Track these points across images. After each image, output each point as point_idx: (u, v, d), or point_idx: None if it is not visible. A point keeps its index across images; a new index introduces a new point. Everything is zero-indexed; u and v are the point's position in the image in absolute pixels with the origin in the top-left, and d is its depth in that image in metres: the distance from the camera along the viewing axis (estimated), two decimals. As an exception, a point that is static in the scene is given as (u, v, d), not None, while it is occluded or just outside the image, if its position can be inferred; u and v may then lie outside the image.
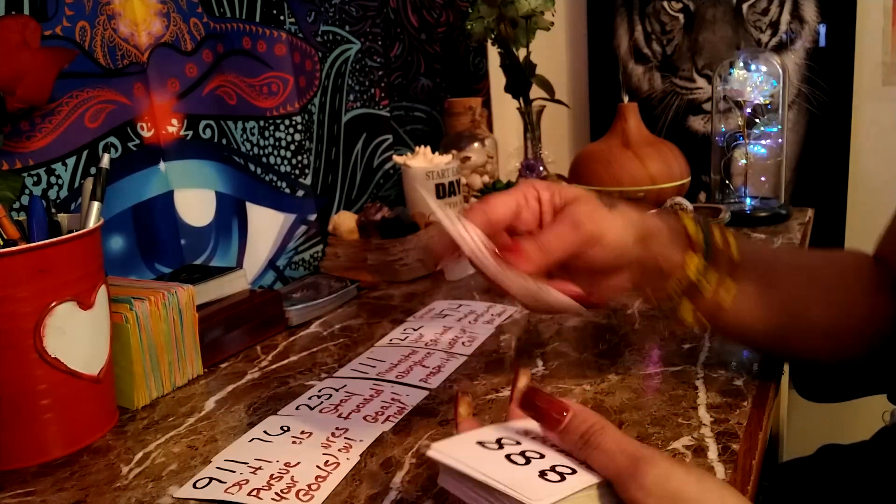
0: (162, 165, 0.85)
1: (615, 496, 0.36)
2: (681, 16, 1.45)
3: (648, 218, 0.55)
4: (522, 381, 0.45)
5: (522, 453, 0.38)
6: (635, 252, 0.53)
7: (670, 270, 0.54)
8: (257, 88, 0.94)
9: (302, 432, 0.57)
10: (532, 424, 0.41)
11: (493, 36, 1.30)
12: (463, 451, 0.38)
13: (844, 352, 0.59)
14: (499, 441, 0.40)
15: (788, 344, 0.59)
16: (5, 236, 0.56)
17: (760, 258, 0.58)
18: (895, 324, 0.57)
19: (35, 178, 0.71)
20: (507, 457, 0.38)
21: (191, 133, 0.88)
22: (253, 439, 0.57)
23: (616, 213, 0.52)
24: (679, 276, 0.54)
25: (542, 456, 0.38)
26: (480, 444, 0.39)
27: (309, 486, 0.50)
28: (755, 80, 1.15)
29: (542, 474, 0.37)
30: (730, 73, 1.17)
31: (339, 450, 0.54)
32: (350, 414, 0.60)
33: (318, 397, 0.64)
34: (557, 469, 0.37)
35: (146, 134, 0.82)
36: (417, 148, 1.10)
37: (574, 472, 0.37)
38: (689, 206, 1.12)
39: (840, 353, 0.60)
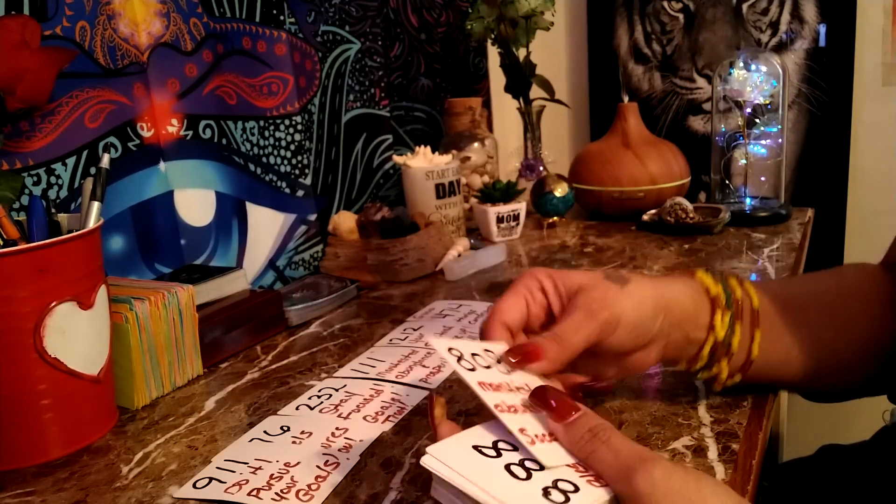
0: (162, 165, 0.85)
1: None
2: (681, 16, 1.45)
3: (664, 286, 0.52)
4: (438, 411, 0.43)
5: (522, 463, 0.38)
6: (657, 326, 0.50)
7: (697, 336, 0.52)
8: (257, 88, 0.94)
9: (302, 432, 0.57)
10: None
11: (493, 36, 1.30)
12: (459, 459, 0.37)
13: (868, 373, 0.58)
14: (496, 445, 0.39)
15: (828, 379, 0.58)
16: (5, 236, 0.56)
17: (780, 299, 0.56)
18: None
19: (35, 178, 0.71)
20: (507, 467, 0.37)
21: (191, 133, 0.88)
22: (253, 439, 0.57)
23: (629, 291, 0.49)
24: (707, 340, 0.52)
25: (542, 468, 0.37)
26: (477, 449, 0.38)
27: (309, 486, 0.50)
28: (755, 80, 1.15)
29: (546, 493, 0.36)
30: (730, 73, 1.17)
31: (339, 450, 0.54)
32: (350, 414, 0.60)
33: (318, 397, 0.64)
34: (560, 486, 0.36)
35: (146, 134, 0.82)
36: (417, 148, 1.11)
37: (577, 489, 0.36)
38: (689, 205, 1.12)
39: (870, 376, 0.58)
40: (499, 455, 0.38)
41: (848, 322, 0.57)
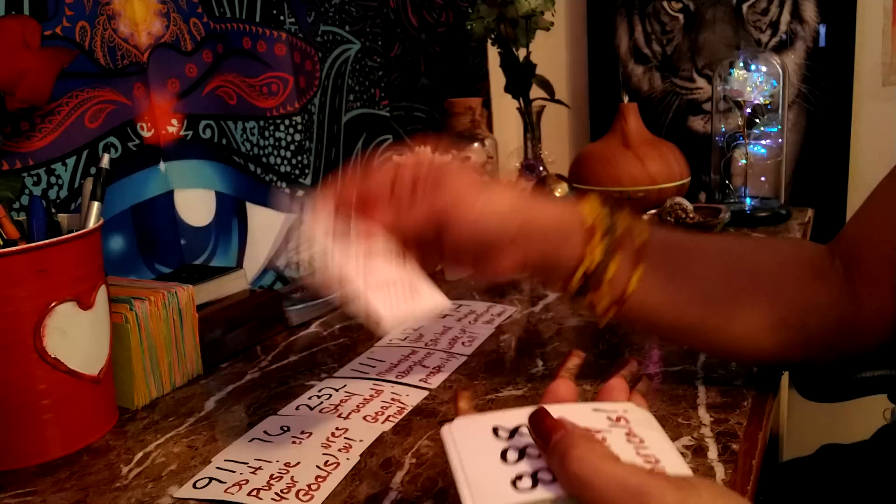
0: (162, 165, 0.85)
1: None
2: (681, 16, 1.45)
3: (532, 200, 0.52)
4: (463, 404, 0.41)
5: (524, 449, 0.37)
6: (513, 228, 0.50)
7: (566, 257, 0.52)
8: (257, 88, 0.94)
9: (302, 432, 0.57)
10: (566, 409, 0.39)
11: (493, 36, 1.30)
12: (470, 437, 0.37)
13: (791, 347, 0.55)
14: (515, 429, 0.38)
15: (706, 336, 0.56)
16: (5, 236, 0.56)
17: (678, 245, 0.55)
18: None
19: (35, 178, 0.71)
20: (504, 452, 0.36)
21: (191, 133, 0.88)
22: (253, 439, 0.57)
23: (490, 188, 0.50)
24: (580, 266, 0.51)
25: (541, 455, 0.37)
26: (495, 430, 0.38)
27: (309, 486, 0.50)
28: (755, 80, 1.15)
29: (518, 478, 0.34)
30: (730, 73, 1.17)
31: (339, 450, 0.54)
32: (350, 414, 0.60)
33: (318, 397, 0.64)
34: (539, 476, 0.35)
35: (146, 134, 0.82)
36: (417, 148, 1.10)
37: (554, 481, 0.34)
38: (689, 205, 1.12)
39: (786, 349, 0.55)
40: (510, 438, 0.37)
41: (753, 278, 0.55)
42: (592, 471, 0.30)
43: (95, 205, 0.60)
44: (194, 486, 0.51)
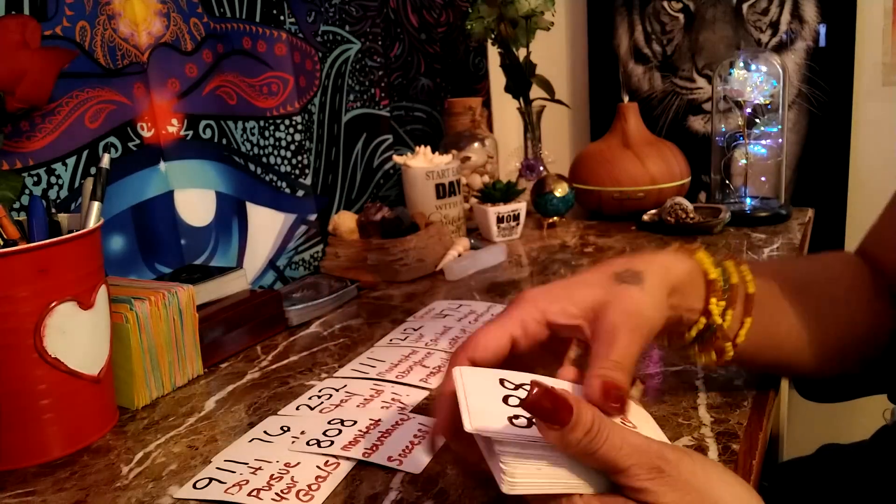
0: (162, 165, 0.85)
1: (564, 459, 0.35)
2: (681, 16, 1.45)
3: (671, 269, 0.49)
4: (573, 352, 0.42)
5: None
6: (667, 313, 0.48)
7: (689, 317, 0.51)
8: (257, 88, 0.94)
9: (302, 432, 0.57)
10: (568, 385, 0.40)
11: (493, 36, 1.30)
12: (478, 378, 0.38)
13: (851, 365, 0.58)
14: (520, 385, 0.38)
15: (812, 366, 0.57)
16: (5, 236, 0.56)
17: (772, 285, 0.55)
18: (894, 327, 0.57)
19: (35, 178, 0.71)
20: (506, 397, 0.37)
21: (191, 133, 0.88)
22: (253, 439, 0.57)
23: (648, 290, 0.45)
24: (697, 323, 0.51)
25: None
26: (501, 381, 0.39)
27: (309, 486, 0.50)
28: (755, 80, 1.15)
29: (515, 417, 0.35)
30: (730, 73, 1.17)
31: (340, 449, 0.54)
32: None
33: (318, 397, 0.64)
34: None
35: (146, 134, 0.82)
36: (417, 148, 1.11)
37: None
38: (689, 205, 1.12)
39: (847, 366, 0.58)
40: (514, 389, 0.38)
41: (833, 310, 0.56)
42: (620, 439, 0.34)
43: (96, 205, 0.60)
44: (194, 486, 0.51)
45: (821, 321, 0.56)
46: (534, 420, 0.34)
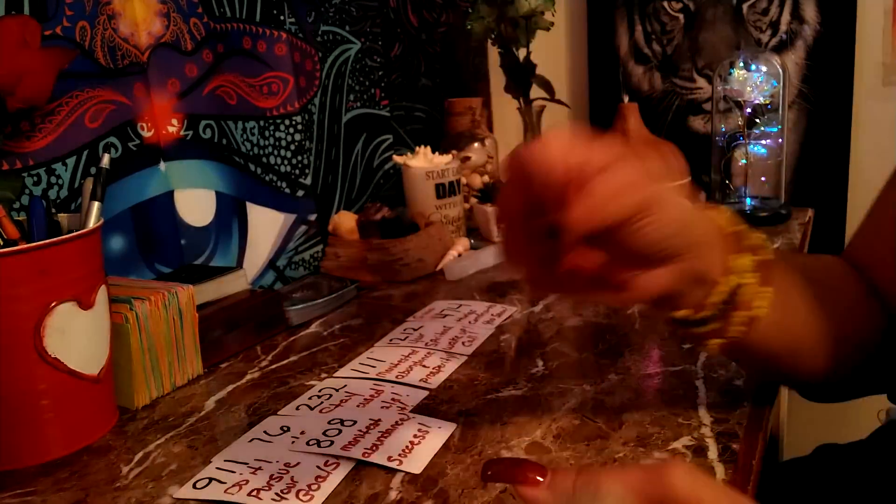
0: (162, 165, 0.85)
1: None
2: (681, 16, 1.45)
3: (698, 207, 0.44)
4: None
5: None
6: (687, 240, 0.42)
7: (713, 277, 0.45)
8: (257, 88, 0.94)
9: (302, 432, 0.57)
10: None
11: (493, 36, 1.30)
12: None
13: (846, 366, 0.56)
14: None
15: (807, 361, 0.54)
16: (5, 236, 0.56)
17: (788, 265, 0.51)
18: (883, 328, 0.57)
19: (35, 178, 0.71)
20: None
21: (191, 133, 0.88)
22: (253, 439, 0.57)
23: (670, 189, 0.41)
24: (721, 284, 0.45)
25: None
26: None
27: (309, 486, 0.50)
28: (755, 80, 1.15)
29: None
30: (730, 73, 1.17)
31: (340, 449, 0.54)
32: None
33: (318, 397, 0.64)
34: None
35: (146, 134, 0.82)
36: (417, 148, 1.11)
37: None
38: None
39: (843, 368, 0.56)
40: None
41: (838, 306, 0.54)
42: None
43: (95, 205, 0.60)
44: (194, 486, 0.51)
45: (829, 315, 0.52)
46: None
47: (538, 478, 0.34)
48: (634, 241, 0.40)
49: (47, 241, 0.55)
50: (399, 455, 0.53)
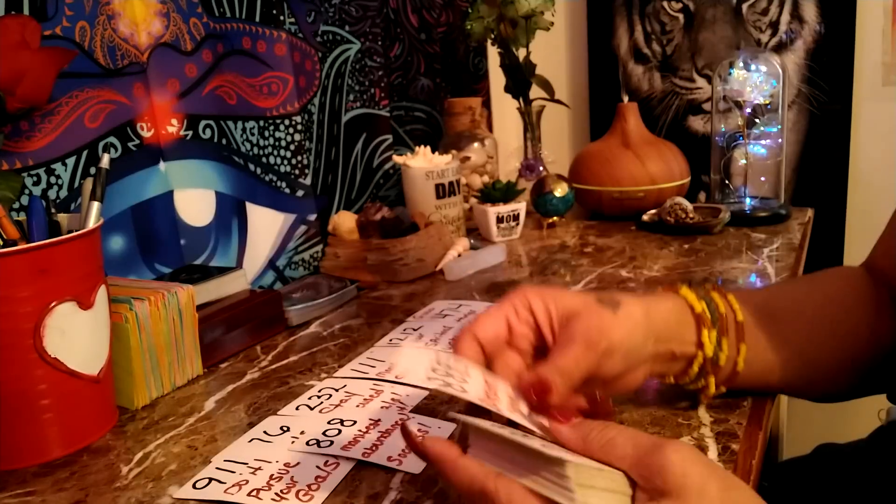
0: (162, 165, 0.85)
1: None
2: (681, 16, 1.45)
3: (652, 307, 0.51)
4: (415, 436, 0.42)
5: (450, 375, 0.42)
6: (647, 351, 0.50)
7: (684, 352, 0.52)
8: (257, 88, 0.94)
9: (302, 432, 0.57)
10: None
11: (493, 36, 1.30)
12: (414, 350, 0.44)
13: (849, 382, 0.59)
14: (451, 367, 0.43)
15: (813, 385, 0.58)
16: (5, 236, 0.56)
17: (762, 312, 0.56)
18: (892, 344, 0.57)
19: (35, 178, 0.71)
20: (433, 367, 0.43)
21: (191, 133, 0.88)
22: (253, 439, 0.57)
23: (622, 317, 0.48)
24: (696, 357, 0.53)
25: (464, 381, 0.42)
26: (437, 359, 0.44)
27: (309, 486, 0.50)
28: (755, 80, 1.15)
29: (434, 374, 0.41)
30: (730, 73, 1.17)
31: (340, 449, 0.54)
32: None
33: (318, 397, 0.64)
34: (451, 382, 0.41)
35: (146, 134, 0.82)
36: (417, 148, 1.11)
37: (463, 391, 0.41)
38: (689, 205, 1.12)
39: (856, 381, 0.59)
40: (445, 373, 0.42)
41: (830, 332, 0.57)
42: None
43: (95, 205, 0.60)
44: (194, 486, 0.51)
45: (819, 345, 0.57)
46: (450, 383, 0.41)
47: (563, 419, 0.41)
48: (597, 376, 0.47)
49: (47, 241, 0.55)
50: (399, 455, 0.53)
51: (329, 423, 0.58)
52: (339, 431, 0.57)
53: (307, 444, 0.55)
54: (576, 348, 0.45)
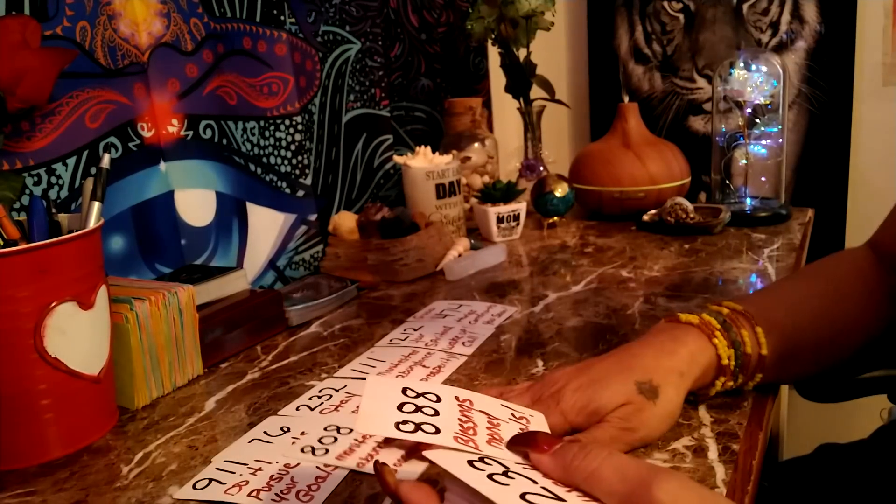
0: (162, 165, 0.85)
1: None
2: (681, 16, 1.45)
3: (687, 373, 0.53)
4: (391, 479, 0.39)
5: (421, 407, 0.41)
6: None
7: (705, 385, 0.55)
8: (257, 88, 0.94)
9: (302, 433, 0.57)
10: (476, 397, 0.44)
11: (493, 36, 1.30)
12: (381, 385, 0.43)
13: (844, 359, 0.61)
14: (421, 394, 0.43)
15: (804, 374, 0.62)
16: (5, 236, 0.56)
17: (783, 340, 0.57)
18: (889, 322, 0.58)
19: (35, 178, 0.71)
20: (402, 404, 0.41)
21: (191, 133, 0.88)
22: (253, 440, 0.57)
23: (661, 405, 0.50)
24: (714, 387, 0.55)
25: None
26: (404, 390, 0.43)
27: (309, 486, 0.50)
28: (755, 80, 1.15)
29: (403, 423, 0.39)
30: (730, 73, 1.17)
31: (335, 459, 0.54)
32: (351, 415, 0.60)
33: (318, 397, 0.64)
34: (423, 427, 0.39)
35: (146, 134, 0.82)
36: (417, 148, 1.11)
37: (436, 433, 0.39)
38: (689, 205, 1.12)
39: (839, 361, 0.61)
40: (415, 398, 0.42)
41: (842, 324, 0.60)
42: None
43: (96, 205, 0.60)
44: (194, 486, 0.51)
45: (824, 353, 0.59)
46: (420, 426, 0.39)
47: (545, 447, 0.39)
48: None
49: (47, 241, 0.55)
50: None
51: (325, 429, 0.58)
52: (335, 440, 0.56)
53: (301, 451, 0.55)
54: (610, 429, 0.49)
